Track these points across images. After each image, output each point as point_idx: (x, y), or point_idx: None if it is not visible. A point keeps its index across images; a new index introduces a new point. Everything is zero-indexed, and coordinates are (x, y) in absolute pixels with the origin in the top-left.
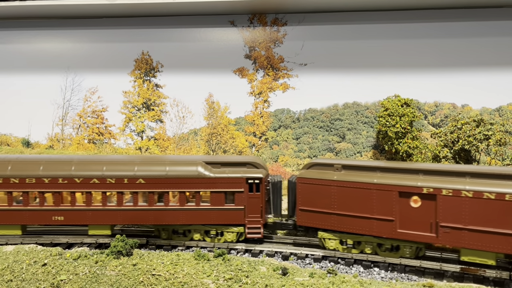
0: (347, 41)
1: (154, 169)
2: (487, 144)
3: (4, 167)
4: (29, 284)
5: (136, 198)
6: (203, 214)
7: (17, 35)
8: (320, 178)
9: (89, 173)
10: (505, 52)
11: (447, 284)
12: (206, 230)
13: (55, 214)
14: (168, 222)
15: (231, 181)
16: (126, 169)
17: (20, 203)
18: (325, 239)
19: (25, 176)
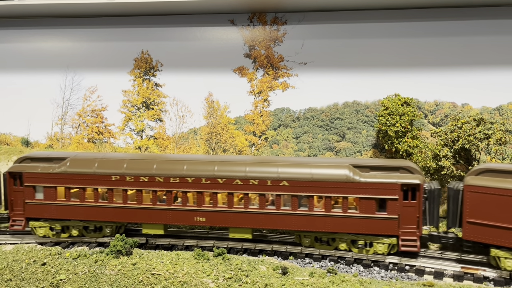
0: (347, 40)
1: (298, 171)
2: (487, 143)
3: (149, 165)
4: (29, 283)
5: (279, 202)
6: (350, 222)
7: (16, 34)
8: (497, 187)
9: (232, 174)
10: (505, 51)
11: (447, 283)
12: (353, 239)
13: (197, 215)
14: (313, 228)
15: (384, 187)
16: (269, 171)
17: (163, 203)
18: (500, 258)
19: (170, 175)
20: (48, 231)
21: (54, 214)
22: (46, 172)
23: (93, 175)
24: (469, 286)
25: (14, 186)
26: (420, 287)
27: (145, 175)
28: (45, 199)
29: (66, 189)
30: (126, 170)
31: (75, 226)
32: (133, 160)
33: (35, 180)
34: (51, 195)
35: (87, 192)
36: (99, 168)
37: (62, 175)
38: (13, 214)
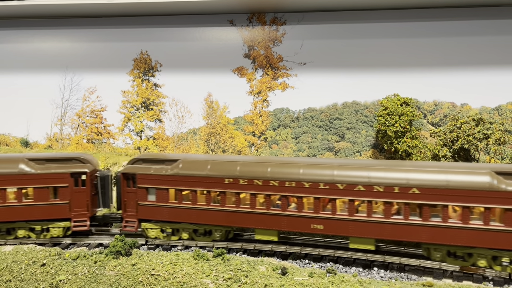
0: (347, 40)
1: (431, 177)
2: (486, 143)
3: (263, 168)
4: (28, 284)
5: (407, 211)
6: (493, 235)
7: (15, 34)
8: None
9: (354, 179)
10: (504, 51)
11: (446, 284)
12: (495, 256)
13: (314, 222)
14: (446, 241)
15: None
16: (397, 177)
17: (277, 207)
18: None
19: (285, 179)
20: (159, 233)
21: (165, 216)
22: (159, 174)
23: (205, 177)
24: (469, 285)
25: (127, 187)
26: (420, 287)
27: (259, 179)
28: (157, 200)
29: (178, 191)
30: (239, 173)
31: (185, 229)
32: (246, 163)
33: (148, 182)
34: (163, 197)
35: (199, 194)
36: (212, 170)
37: (174, 177)
38: (126, 215)
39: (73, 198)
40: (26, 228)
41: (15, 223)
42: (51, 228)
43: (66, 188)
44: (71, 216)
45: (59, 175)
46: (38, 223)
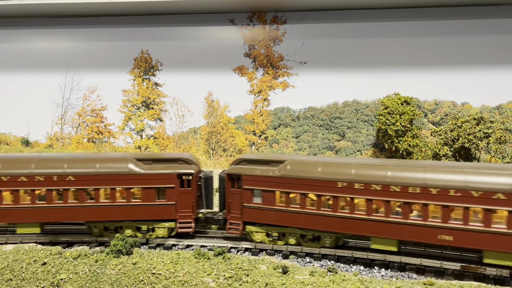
0: (347, 39)
1: None
2: (487, 142)
3: (382, 172)
4: (29, 283)
5: None
6: None
7: (15, 34)
8: None
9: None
10: (505, 50)
11: (447, 282)
12: None
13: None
14: None
15: None
16: None
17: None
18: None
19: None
20: (264, 237)
21: (271, 220)
22: (265, 175)
23: (316, 180)
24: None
25: (232, 188)
26: (421, 286)
27: (377, 183)
28: (263, 203)
29: (286, 194)
30: (354, 176)
31: (292, 234)
32: (362, 165)
33: (254, 183)
34: (269, 200)
35: (308, 198)
36: (323, 173)
37: (282, 179)
38: (230, 217)
39: (179, 199)
40: (133, 228)
41: (123, 222)
42: (156, 228)
43: (172, 189)
44: (177, 217)
45: (166, 175)
46: (144, 223)
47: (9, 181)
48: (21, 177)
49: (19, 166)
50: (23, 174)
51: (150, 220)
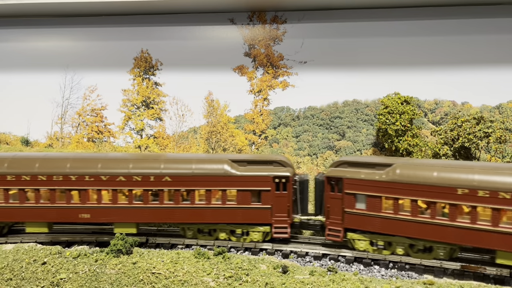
0: (347, 39)
1: None
2: (487, 142)
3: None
4: (29, 282)
5: None
6: None
7: (15, 33)
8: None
9: None
10: (505, 50)
11: (447, 282)
12: None
13: None
14: None
15: None
16: None
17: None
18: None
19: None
20: (368, 246)
21: (377, 227)
22: (371, 179)
23: (431, 186)
24: (470, 284)
25: (332, 192)
26: (421, 286)
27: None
28: (368, 209)
29: (394, 200)
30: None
31: (399, 243)
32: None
33: (357, 187)
34: (374, 206)
35: (421, 205)
36: (440, 178)
37: (390, 183)
38: (329, 222)
39: (275, 202)
40: (227, 231)
41: (217, 225)
42: (251, 232)
43: (268, 192)
44: (272, 221)
45: (262, 178)
46: (239, 226)
47: (108, 181)
48: (119, 177)
49: (118, 166)
50: (122, 174)
51: (244, 224)
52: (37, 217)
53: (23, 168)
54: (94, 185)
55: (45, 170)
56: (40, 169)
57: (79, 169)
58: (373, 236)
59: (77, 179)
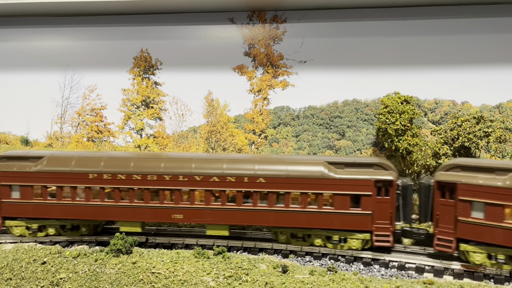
0: (347, 38)
1: None
2: (487, 141)
3: None
4: (29, 282)
5: None
6: None
7: (15, 33)
8: None
9: None
10: (505, 49)
11: (447, 282)
12: None
13: None
14: None
15: None
16: None
17: None
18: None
19: None
20: (485, 259)
21: (499, 240)
22: (491, 185)
23: None
24: (470, 283)
25: (442, 198)
26: (420, 285)
27: None
28: (487, 218)
29: None
30: None
31: None
32: None
33: (474, 194)
34: (495, 215)
35: None
36: None
37: None
38: (438, 231)
39: (376, 208)
40: (323, 237)
41: (312, 230)
42: (349, 239)
43: (369, 197)
44: (373, 228)
45: (362, 181)
46: (336, 232)
47: (201, 181)
48: (213, 177)
49: (211, 166)
50: (216, 174)
51: (342, 230)
52: (131, 217)
53: (119, 167)
54: (187, 185)
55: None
56: (135, 169)
57: (172, 169)
58: (492, 249)
59: (171, 179)
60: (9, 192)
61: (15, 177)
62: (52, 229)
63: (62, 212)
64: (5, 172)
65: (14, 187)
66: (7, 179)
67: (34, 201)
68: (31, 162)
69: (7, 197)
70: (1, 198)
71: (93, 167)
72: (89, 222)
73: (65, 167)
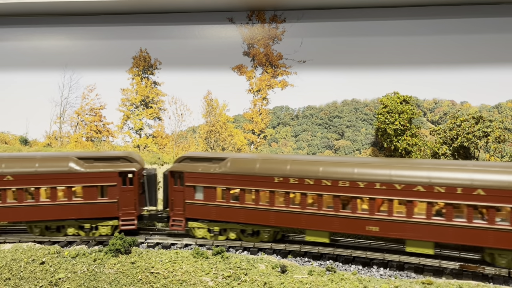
0: (346, 38)
1: None
2: (486, 141)
3: None
4: (27, 282)
5: None
6: None
7: (14, 32)
8: None
9: None
10: (504, 49)
11: (446, 282)
12: None
13: None
14: None
15: None
16: None
17: None
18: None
19: None
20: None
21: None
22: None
23: None
24: (468, 284)
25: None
26: (419, 285)
27: None
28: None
29: None
30: None
31: None
32: None
33: (195, 180)
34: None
35: None
36: None
37: None
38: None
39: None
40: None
41: (65, 221)
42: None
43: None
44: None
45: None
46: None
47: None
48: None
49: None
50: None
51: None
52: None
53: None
54: (385, 194)
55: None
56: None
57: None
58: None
59: (366, 186)
60: (193, 193)
61: (200, 178)
62: (233, 234)
63: (245, 216)
64: (191, 173)
65: (198, 188)
66: (192, 180)
67: (217, 204)
68: (214, 164)
69: (191, 198)
70: (185, 199)
71: (278, 171)
72: (271, 229)
73: (249, 170)
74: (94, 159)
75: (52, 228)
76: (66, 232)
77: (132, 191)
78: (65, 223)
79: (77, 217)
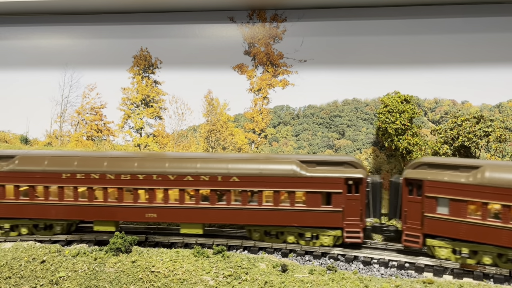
0: (347, 37)
1: None
2: (487, 141)
3: None
4: (28, 281)
5: None
6: None
7: (14, 31)
8: None
9: None
10: (505, 48)
11: (446, 281)
12: None
13: None
14: None
15: None
16: None
17: None
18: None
19: None
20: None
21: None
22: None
23: None
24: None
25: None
26: (420, 285)
27: None
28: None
29: None
30: None
31: None
32: None
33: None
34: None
35: None
36: None
37: None
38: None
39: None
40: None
41: (285, 228)
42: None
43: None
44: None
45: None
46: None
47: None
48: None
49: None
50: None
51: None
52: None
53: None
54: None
55: None
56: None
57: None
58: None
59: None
60: (435, 206)
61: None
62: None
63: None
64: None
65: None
66: (435, 191)
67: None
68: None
69: (432, 211)
70: (424, 212)
71: None
72: None
73: None
74: (317, 163)
75: (272, 233)
76: (286, 239)
77: (358, 200)
78: (285, 230)
79: (299, 225)
